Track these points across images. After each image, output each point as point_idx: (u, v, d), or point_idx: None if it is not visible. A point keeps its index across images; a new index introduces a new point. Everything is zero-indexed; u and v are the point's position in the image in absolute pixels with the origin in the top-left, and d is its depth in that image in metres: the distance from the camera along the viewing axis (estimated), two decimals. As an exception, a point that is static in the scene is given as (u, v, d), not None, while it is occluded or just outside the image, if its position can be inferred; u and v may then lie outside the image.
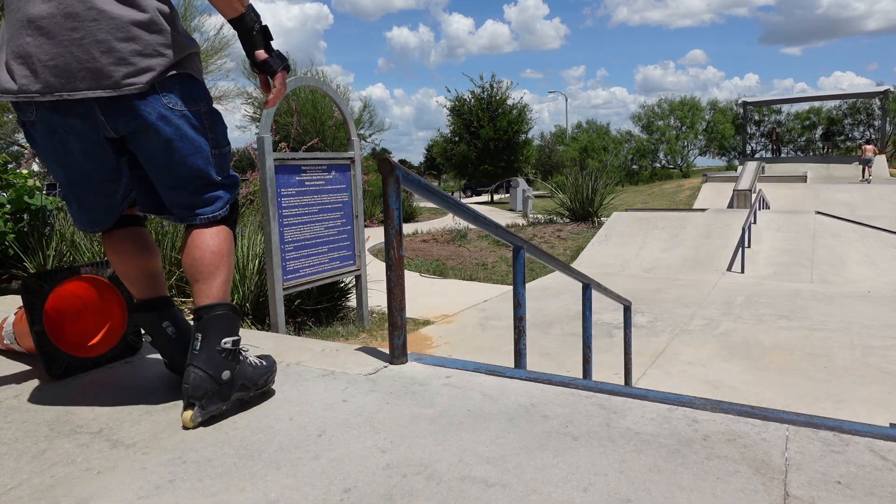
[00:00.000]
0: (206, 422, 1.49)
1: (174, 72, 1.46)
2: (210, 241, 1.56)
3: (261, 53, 1.57)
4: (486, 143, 28.40)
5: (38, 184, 4.56)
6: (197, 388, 1.45)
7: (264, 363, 1.65)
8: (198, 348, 1.49)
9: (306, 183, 4.33)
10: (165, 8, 1.47)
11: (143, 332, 1.68)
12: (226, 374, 1.49)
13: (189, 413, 1.46)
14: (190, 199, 1.57)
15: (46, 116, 1.44)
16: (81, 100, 1.40)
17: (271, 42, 1.60)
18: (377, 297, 5.43)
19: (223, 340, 1.50)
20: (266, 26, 1.58)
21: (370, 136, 25.37)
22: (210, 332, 1.50)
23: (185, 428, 1.46)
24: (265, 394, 1.66)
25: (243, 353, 1.59)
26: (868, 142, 24.25)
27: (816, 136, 45.17)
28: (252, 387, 1.57)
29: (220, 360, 1.49)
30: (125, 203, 1.68)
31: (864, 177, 21.82)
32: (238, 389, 1.53)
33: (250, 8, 1.54)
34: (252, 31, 1.55)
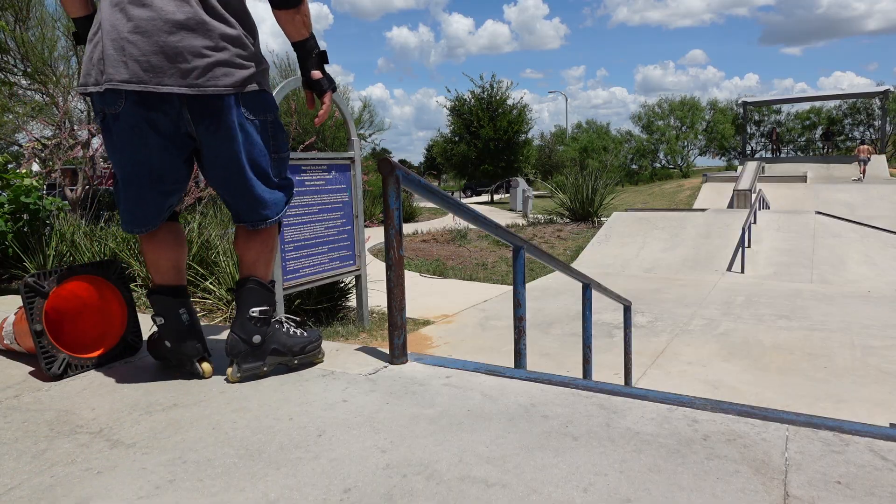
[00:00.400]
0: (245, 378, 1.76)
1: (253, 84, 1.64)
2: (258, 237, 1.79)
3: (316, 73, 1.78)
4: (486, 143, 28.39)
5: (35, 183, 4.55)
6: (232, 348, 1.74)
7: (305, 334, 1.84)
8: (236, 316, 1.76)
9: (306, 183, 4.33)
10: (249, 28, 1.66)
11: (153, 315, 1.82)
12: (256, 338, 1.74)
13: (230, 370, 1.75)
14: (251, 201, 1.74)
15: (132, 110, 1.57)
16: (167, 96, 1.57)
17: (325, 66, 1.79)
18: (377, 297, 5.42)
19: (251, 310, 1.74)
20: (324, 51, 1.78)
21: (370, 136, 25.39)
22: (242, 303, 1.75)
23: (228, 381, 1.75)
24: (311, 363, 1.87)
25: (285, 324, 1.82)
26: (863, 143, 24.74)
27: (816, 136, 45.19)
28: (287, 353, 1.79)
29: (251, 326, 1.74)
30: (171, 209, 1.81)
31: (860, 176, 22.08)
32: (272, 353, 1.77)
33: (312, 35, 1.75)
34: (311, 54, 1.76)
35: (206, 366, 1.80)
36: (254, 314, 1.74)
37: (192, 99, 1.58)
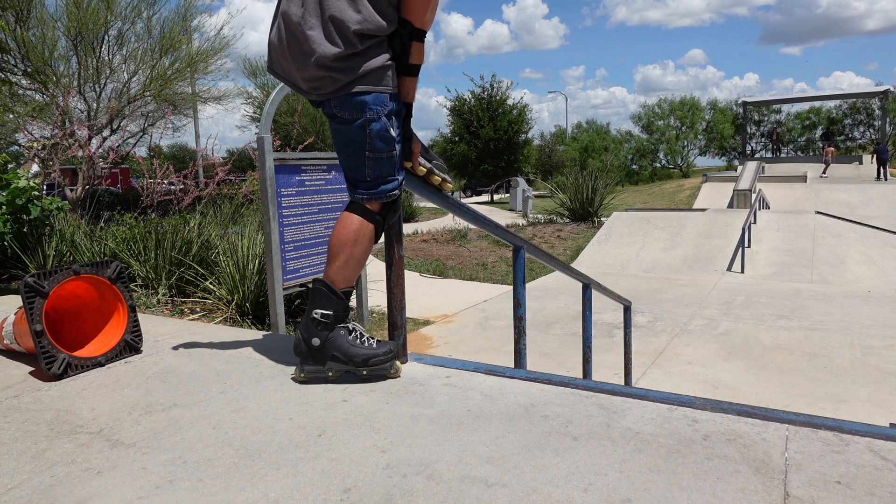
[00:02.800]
0: (307, 380, 1.75)
1: (344, 91, 1.67)
2: (341, 228, 1.76)
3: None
4: (486, 143, 28.40)
5: (32, 184, 4.54)
6: (296, 346, 1.76)
7: (374, 346, 1.76)
8: (304, 313, 1.77)
9: (306, 183, 4.33)
10: (349, 41, 1.62)
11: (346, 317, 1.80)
12: (315, 341, 1.73)
13: (296, 368, 1.77)
14: (347, 185, 1.80)
15: None
16: None
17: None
18: (377, 297, 5.43)
19: (314, 311, 1.73)
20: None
21: (370, 136, 25.36)
22: (311, 302, 1.75)
23: (294, 380, 1.76)
24: (383, 376, 1.77)
25: (354, 332, 1.76)
26: (828, 145, 27.05)
27: (816, 136, 45.21)
28: (348, 361, 1.74)
29: (312, 327, 1.73)
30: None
31: (822, 173, 23.62)
32: (331, 359, 1.74)
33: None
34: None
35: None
36: (315, 316, 1.73)
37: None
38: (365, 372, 1.75)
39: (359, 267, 1.78)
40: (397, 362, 1.80)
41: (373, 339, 1.78)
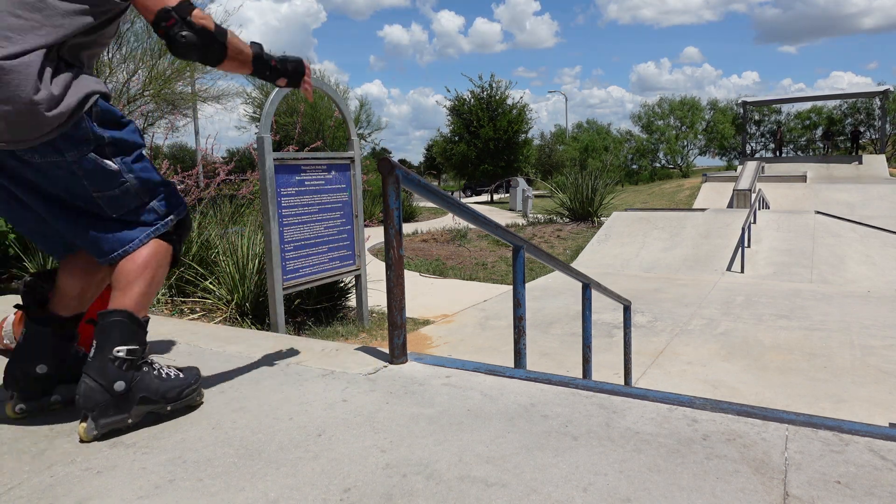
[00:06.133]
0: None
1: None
2: (138, 254, 1.53)
3: (281, 82, 1.72)
4: (486, 143, 28.42)
5: None
6: (88, 399, 1.40)
7: (180, 375, 1.57)
8: (91, 356, 1.44)
9: (306, 182, 4.33)
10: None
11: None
12: (119, 385, 1.42)
13: (83, 426, 1.41)
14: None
15: None
16: None
17: (284, 68, 1.70)
18: (377, 297, 5.42)
19: (116, 349, 1.43)
20: (276, 65, 1.68)
21: (369, 135, 25.39)
22: (105, 339, 1.44)
23: (82, 441, 1.41)
24: (190, 407, 1.59)
25: (155, 365, 1.54)
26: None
27: (816, 136, 45.25)
28: (160, 400, 1.50)
29: (113, 369, 1.42)
30: None
31: None
32: (139, 402, 1.47)
33: (257, 60, 1.61)
34: (265, 75, 1.67)
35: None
36: (119, 354, 1.43)
37: None
38: (170, 408, 1.53)
39: (157, 292, 1.60)
40: (200, 387, 1.64)
41: (169, 367, 1.58)
